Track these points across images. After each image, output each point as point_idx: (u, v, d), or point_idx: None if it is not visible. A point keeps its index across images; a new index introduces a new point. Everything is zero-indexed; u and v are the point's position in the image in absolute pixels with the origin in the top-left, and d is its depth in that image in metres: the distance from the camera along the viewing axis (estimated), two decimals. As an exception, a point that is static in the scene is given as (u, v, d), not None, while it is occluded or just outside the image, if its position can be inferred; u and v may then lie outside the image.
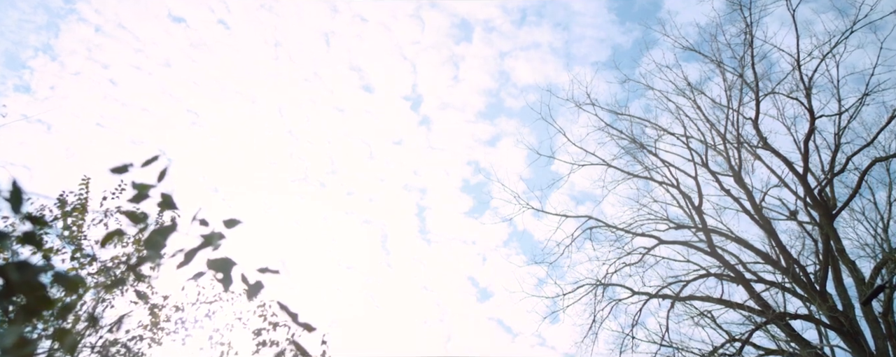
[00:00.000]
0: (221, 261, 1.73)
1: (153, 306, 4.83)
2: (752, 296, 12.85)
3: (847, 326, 10.59)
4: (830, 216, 11.85)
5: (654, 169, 16.06)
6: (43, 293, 0.98)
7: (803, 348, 11.57)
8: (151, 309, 4.82)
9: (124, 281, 1.48)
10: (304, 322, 2.09)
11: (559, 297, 16.23)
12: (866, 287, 10.68)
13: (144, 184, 1.59)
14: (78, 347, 1.10)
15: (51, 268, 1.04)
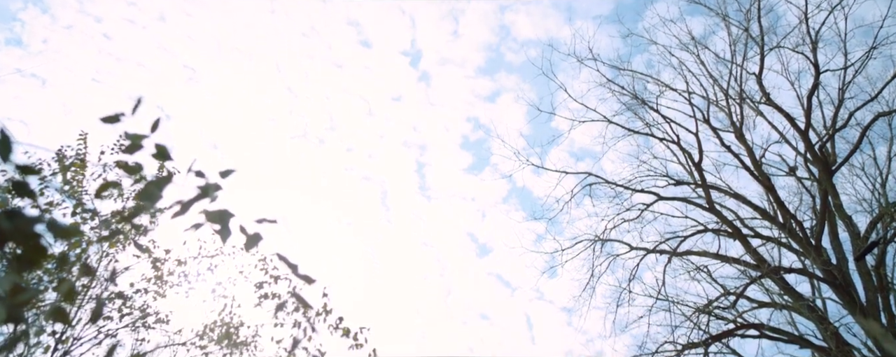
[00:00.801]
0: (219, 212, 1.73)
1: (155, 260, 4.89)
2: (748, 251, 13.01)
3: (840, 280, 10.78)
4: (830, 172, 11.87)
5: (655, 125, 15.99)
6: (36, 242, 0.97)
7: (796, 301, 11.80)
8: (154, 263, 4.88)
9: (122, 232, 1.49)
10: (304, 274, 2.11)
11: (558, 252, 16.46)
12: (861, 241, 10.81)
13: (138, 134, 1.56)
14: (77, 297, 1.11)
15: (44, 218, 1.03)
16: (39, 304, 2.94)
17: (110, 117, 1.51)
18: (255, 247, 1.77)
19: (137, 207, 1.43)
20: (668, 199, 15.62)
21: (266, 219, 1.94)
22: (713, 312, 15.51)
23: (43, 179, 4.24)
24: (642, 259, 15.70)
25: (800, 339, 12.53)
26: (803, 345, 12.32)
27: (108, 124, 1.52)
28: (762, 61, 13.89)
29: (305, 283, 2.09)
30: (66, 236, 1.02)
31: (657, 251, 15.27)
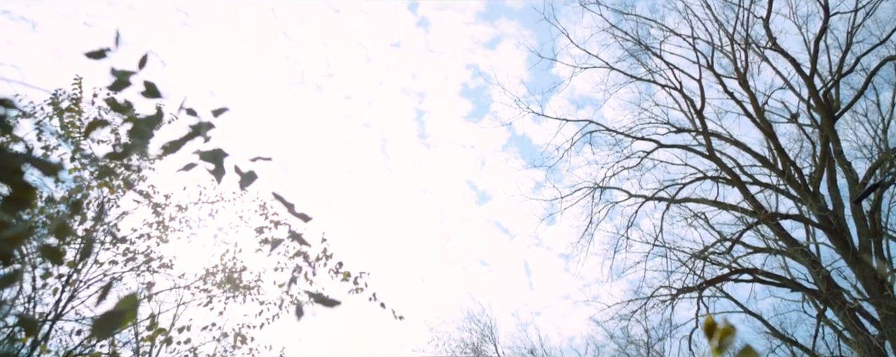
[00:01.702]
0: (212, 152, 1.71)
1: (156, 206, 4.92)
2: (746, 197, 13.10)
3: (835, 225, 10.90)
4: (832, 118, 11.78)
5: (658, 72, 15.74)
6: (21, 178, 0.96)
7: (790, 246, 11.99)
8: (154, 208, 4.91)
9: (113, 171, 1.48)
10: (300, 212, 2.11)
11: (557, 200, 16.59)
12: (859, 187, 10.86)
13: (125, 71, 1.53)
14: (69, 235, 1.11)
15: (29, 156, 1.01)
16: (32, 241, 2.97)
17: (96, 53, 1.47)
18: (249, 185, 1.77)
19: (129, 146, 1.41)
20: (668, 146, 15.60)
21: (260, 157, 1.92)
22: (709, 258, 15.79)
23: (38, 124, 4.22)
24: (640, 206, 15.84)
25: (792, 282, 12.82)
26: (794, 288, 12.62)
27: (93, 60, 1.48)
28: (770, 4, 13.54)
29: (302, 221, 2.10)
30: (51, 172, 1.01)
31: (656, 198, 15.38)
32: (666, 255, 16.68)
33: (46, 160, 0.99)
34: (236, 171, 1.82)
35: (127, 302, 0.80)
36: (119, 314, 0.77)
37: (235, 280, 5.02)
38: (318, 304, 1.14)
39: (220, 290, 4.98)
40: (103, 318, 0.76)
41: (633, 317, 17.61)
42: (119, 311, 0.77)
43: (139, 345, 5.76)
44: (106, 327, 0.76)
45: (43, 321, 3.86)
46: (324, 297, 1.13)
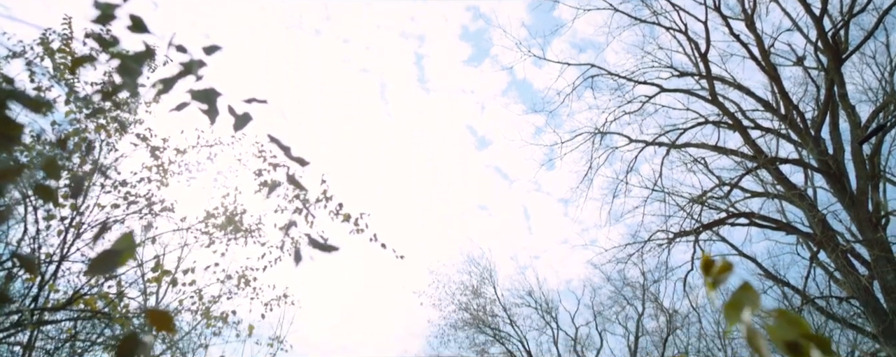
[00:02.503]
0: (205, 91, 1.69)
1: (154, 149, 4.92)
2: (747, 142, 13.07)
3: (834, 169, 10.93)
4: (839, 60, 11.57)
5: (663, 13, 15.33)
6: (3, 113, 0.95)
7: (788, 190, 12.06)
8: (152, 151, 4.92)
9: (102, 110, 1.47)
10: (297, 156, 2.11)
11: (557, 145, 16.57)
12: (861, 131, 10.81)
13: (108, 3, 1.48)
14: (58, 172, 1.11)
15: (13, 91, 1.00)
16: (23, 179, 3.01)
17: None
18: (244, 127, 1.76)
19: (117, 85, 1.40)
20: (670, 90, 15.42)
21: (255, 99, 1.90)
22: (706, 203, 15.94)
23: (29, 64, 4.15)
24: (641, 151, 15.84)
25: (787, 226, 12.99)
26: (790, 231, 12.80)
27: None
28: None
29: (299, 165, 2.10)
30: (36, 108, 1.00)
31: (656, 143, 15.36)
32: (664, 200, 16.85)
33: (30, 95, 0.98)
34: (230, 113, 1.81)
35: (124, 241, 0.81)
36: (116, 253, 0.78)
37: (236, 222, 5.09)
38: (315, 249, 1.16)
39: (221, 233, 5.06)
40: (100, 257, 0.78)
41: (630, 260, 17.98)
42: (116, 251, 0.78)
43: (145, 286, 5.92)
44: (103, 266, 0.77)
45: (48, 262, 3.95)
46: (321, 242, 1.15)
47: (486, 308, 28.01)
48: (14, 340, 4.75)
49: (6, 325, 3.77)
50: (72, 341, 5.08)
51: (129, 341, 0.76)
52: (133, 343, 0.75)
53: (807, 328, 0.84)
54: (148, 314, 0.79)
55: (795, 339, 0.83)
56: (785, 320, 0.85)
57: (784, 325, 0.85)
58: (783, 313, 0.86)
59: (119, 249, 0.79)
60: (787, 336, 0.84)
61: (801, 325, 0.85)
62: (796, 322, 0.85)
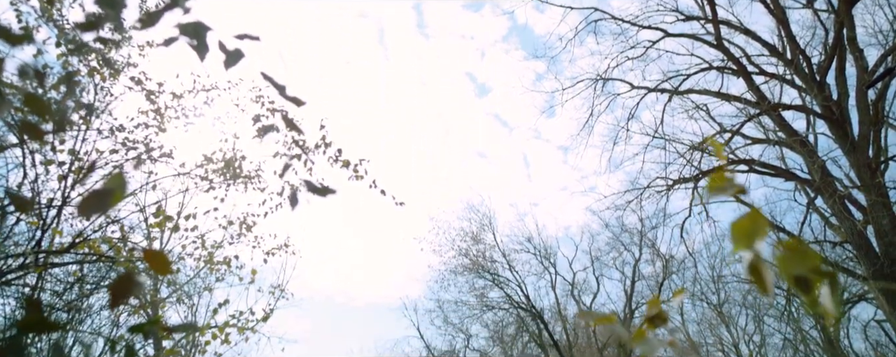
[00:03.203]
0: (193, 25, 1.62)
1: (149, 92, 4.84)
2: (750, 88, 12.90)
3: (837, 115, 10.84)
4: (850, 2, 11.24)
5: (670, -48, 14.79)
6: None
7: (789, 136, 12.01)
8: (148, 95, 4.84)
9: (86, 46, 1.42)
10: (293, 96, 2.06)
11: (558, 91, 16.38)
12: (868, 75, 10.64)
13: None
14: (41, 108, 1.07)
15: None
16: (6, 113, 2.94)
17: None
18: (235, 64, 1.70)
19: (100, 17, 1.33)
20: (675, 35, 15.08)
21: (248, 35, 1.83)
22: (706, 149, 15.90)
23: (13, 2, 4.01)
24: (643, 98, 15.67)
25: (786, 172, 13.01)
26: (788, 178, 12.84)
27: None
28: None
29: (295, 105, 2.05)
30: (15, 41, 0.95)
31: (658, 90, 15.18)
32: (664, 147, 16.81)
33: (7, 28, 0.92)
34: (221, 49, 1.75)
35: (115, 181, 0.78)
36: (106, 193, 0.75)
37: (235, 168, 5.07)
38: (312, 192, 1.13)
39: (220, 178, 5.05)
40: (91, 196, 0.74)
41: (628, 207, 18.13)
42: (106, 191, 0.75)
43: (149, 231, 5.97)
44: (94, 206, 0.74)
45: (48, 206, 3.96)
46: (317, 185, 1.12)
47: (485, 254, 28.52)
48: (23, 282, 4.84)
49: (13, 267, 3.82)
50: (79, 283, 5.19)
51: (123, 281, 0.74)
52: (128, 282, 0.74)
53: (818, 262, 0.82)
54: (144, 255, 0.77)
55: (804, 273, 0.81)
56: (796, 252, 0.83)
57: (794, 258, 0.83)
58: (795, 245, 0.84)
59: (109, 189, 0.76)
60: (795, 269, 0.82)
61: (813, 258, 0.82)
62: (807, 255, 0.82)
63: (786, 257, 0.83)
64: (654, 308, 0.95)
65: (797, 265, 0.82)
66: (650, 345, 0.98)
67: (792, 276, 0.83)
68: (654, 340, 0.99)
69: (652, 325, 0.96)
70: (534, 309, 27.49)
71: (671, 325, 0.99)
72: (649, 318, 0.96)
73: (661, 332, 0.97)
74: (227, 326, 5.45)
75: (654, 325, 0.97)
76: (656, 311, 0.94)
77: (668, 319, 0.96)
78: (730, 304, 30.53)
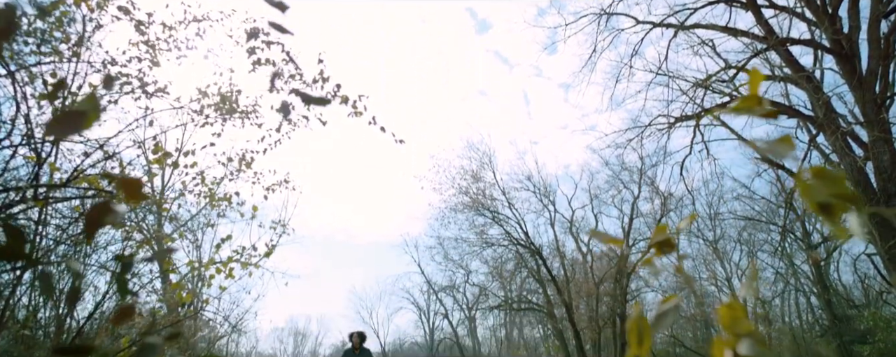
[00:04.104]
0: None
1: (139, 23, 4.67)
2: (759, 22, 12.54)
3: (846, 49, 10.58)
4: (869, -71, 10.72)
5: None
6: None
7: (795, 72, 11.80)
8: (137, 26, 4.67)
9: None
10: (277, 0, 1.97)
11: (560, 27, 15.97)
12: (883, 6, 10.30)
13: None
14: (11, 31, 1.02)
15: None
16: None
17: None
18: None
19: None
20: (683, -35, 14.52)
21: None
22: (710, 86, 15.68)
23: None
24: (647, 34, 15.30)
25: (789, 109, 12.88)
26: (792, 115, 12.72)
27: None
28: None
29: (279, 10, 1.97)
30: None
31: (664, 25, 14.79)
32: (668, 85, 16.57)
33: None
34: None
35: (88, 102, 0.72)
36: (79, 114, 0.69)
37: (231, 103, 4.98)
38: (305, 102, 1.08)
39: (216, 113, 4.97)
40: (61, 117, 0.69)
41: (629, 145, 18.11)
42: (79, 111, 0.69)
43: (149, 167, 5.95)
44: (63, 127, 0.68)
45: (43, 141, 3.91)
46: (310, 95, 1.06)
47: (485, 192, 28.76)
48: (26, 216, 4.87)
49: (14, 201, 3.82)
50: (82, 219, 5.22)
51: (98, 210, 0.70)
52: (103, 211, 0.70)
53: (844, 186, 0.78)
54: (118, 181, 0.72)
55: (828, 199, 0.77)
56: (822, 177, 0.79)
57: (819, 183, 0.79)
58: (820, 170, 0.80)
59: (82, 110, 0.70)
60: (819, 195, 0.78)
61: (838, 183, 0.79)
62: (834, 179, 0.78)
63: (810, 183, 0.79)
64: (662, 235, 0.93)
65: (822, 191, 0.78)
66: (657, 270, 0.97)
67: (816, 203, 0.79)
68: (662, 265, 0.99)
69: (660, 251, 0.94)
70: (532, 245, 28.03)
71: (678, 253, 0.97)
72: (657, 244, 0.94)
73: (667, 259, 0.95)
74: (231, 262, 5.53)
75: (661, 252, 0.95)
76: (664, 237, 0.92)
77: (675, 246, 0.93)
78: (725, 241, 31.16)
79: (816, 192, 0.80)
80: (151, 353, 0.73)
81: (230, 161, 5.87)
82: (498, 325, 46.05)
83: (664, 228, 0.97)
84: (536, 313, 34.12)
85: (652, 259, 0.93)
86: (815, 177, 0.82)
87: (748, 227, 30.39)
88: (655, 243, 0.93)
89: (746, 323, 0.80)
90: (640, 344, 0.85)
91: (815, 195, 0.81)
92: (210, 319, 8.77)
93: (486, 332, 46.43)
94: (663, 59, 15.50)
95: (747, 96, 0.82)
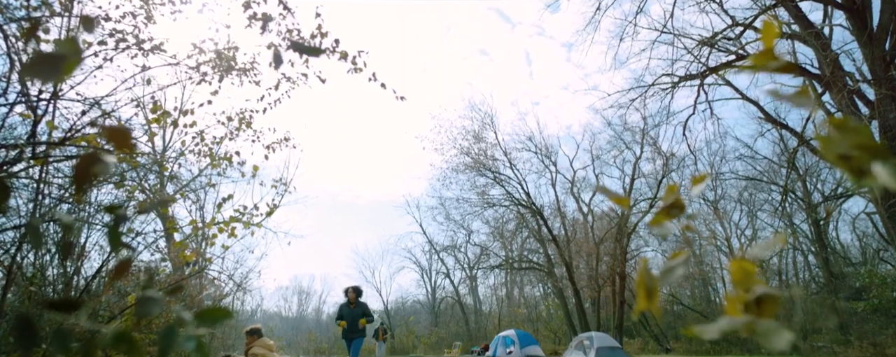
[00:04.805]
0: None
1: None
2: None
3: (858, 3, 10.31)
4: None
5: None
6: None
7: (804, 29, 11.55)
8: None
9: None
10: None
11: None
12: (900, -42, 9.98)
13: None
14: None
15: None
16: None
17: None
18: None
19: None
20: (693, -83, 14.03)
21: None
22: (716, 44, 15.40)
23: None
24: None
25: (796, 67, 12.68)
26: (798, 73, 12.52)
27: None
28: None
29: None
30: None
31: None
32: (672, 43, 16.27)
33: None
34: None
35: (66, 45, 0.67)
36: (57, 58, 0.64)
37: (228, 60, 4.89)
38: (297, 51, 1.03)
39: (213, 70, 4.88)
40: (37, 59, 0.64)
41: (632, 105, 17.94)
42: (57, 55, 0.64)
43: (149, 126, 5.90)
44: (40, 71, 0.64)
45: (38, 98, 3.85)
46: (301, 44, 1.01)
47: (486, 152, 28.70)
48: (27, 175, 4.86)
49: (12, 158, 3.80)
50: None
51: (86, 161, 0.66)
52: (91, 162, 0.66)
53: (869, 138, 0.74)
54: (105, 131, 0.68)
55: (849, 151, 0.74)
56: (843, 129, 0.75)
57: (841, 135, 0.75)
58: (843, 121, 0.76)
59: (61, 54, 0.65)
60: (840, 147, 0.74)
61: (863, 134, 0.74)
62: (857, 131, 0.74)
63: (831, 135, 0.75)
64: (673, 195, 0.90)
65: (843, 143, 0.74)
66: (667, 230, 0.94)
67: (837, 155, 0.75)
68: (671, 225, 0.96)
69: (670, 212, 0.91)
70: (534, 206, 28.17)
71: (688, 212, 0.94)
72: (668, 205, 0.91)
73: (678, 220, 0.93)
74: (233, 221, 5.54)
75: (672, 214, 0.92)
76: (675, 198, 0.89)
77: (685, 207, 0.90)
78: (726, 201, 31.27)
79: (838, 144, 0.77)
80: (151, 307, 0.71)
81: (230, 120, 5.82)
82: (499, 283, 46.81)
83: (675, 188, 0.93)
84: (537, 272, 34.61)
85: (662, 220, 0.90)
86: (837, 128, 0.78)
87: (749, 187, 30.45)
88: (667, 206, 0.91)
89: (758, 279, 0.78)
90: (649, 299, 0.83)
91: (836, 147, 0.77)
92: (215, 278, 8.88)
93: (486, 291, 47.25)
94: (669, 17, 15.19)
95: (762, 51, 0.78)
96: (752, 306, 0.74)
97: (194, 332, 0.64)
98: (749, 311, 0.73)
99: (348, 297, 9.88)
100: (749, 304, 0.73)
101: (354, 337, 9.65)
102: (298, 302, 59.52)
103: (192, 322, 0.65)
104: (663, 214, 0.90)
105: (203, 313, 0.67)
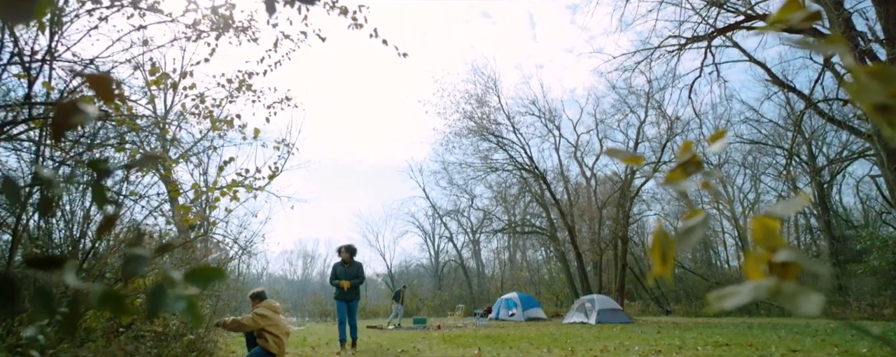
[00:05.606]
0: None
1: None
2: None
3: (876, -39, 9.99)
4: None
5: None
6: None
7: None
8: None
9: None
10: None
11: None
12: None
13: None
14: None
15: None
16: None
17: None
18: None
19: None
20: None
21: None
22: (725, 4, 15.04)
23: None
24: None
25: (806, 27, 12.40)
26: (808, 33, 12.26)
27: None
28: None
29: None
30: None
31: (681, -65, 13.96)
32: (680, 4, 15.90)
33: None
34: None
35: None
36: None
37: (225, 17, 4.77)
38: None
39: (210, 28, 4.78)
40: None
41: (637, 68, 17.67)
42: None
43: (148, 88, 5.82)
44: (11, 9, 0.58)
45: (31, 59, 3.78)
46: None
47: (489, 116, 28.48)
48: (27, 137, 4.82)
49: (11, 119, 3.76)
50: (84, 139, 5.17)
51: (64, 108, 0.61)
52: (69, 110, 0.61)
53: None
54: (87, 79, 0.63)
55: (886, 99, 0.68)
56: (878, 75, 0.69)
57: (875, 83, 0.69)
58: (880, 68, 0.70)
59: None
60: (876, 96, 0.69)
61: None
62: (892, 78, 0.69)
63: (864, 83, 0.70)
64: (688, 152, 0.85)
65: (879, 90, 0.69)
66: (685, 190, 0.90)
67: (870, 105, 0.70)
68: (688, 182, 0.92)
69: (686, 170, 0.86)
70: (537, 170, 28.13)
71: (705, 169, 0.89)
72: (684, 162, 0.86)
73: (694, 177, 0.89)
74: (235, 185, 5.52)
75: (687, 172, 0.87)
76: (690, 155, 0.84)
77: (702, 164, 0.86)
78: (730, 164, 31.17)
79: (873, 92, 0.71)
80: (139, 265, 0.68)
81: (230, 82, 5.73)
82: (501, 247, 47.24)
83: (690, 145, 0.88)
84: (539, 236, 34.84)
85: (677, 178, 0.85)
86: (874, 76, 0.72)
87: (754, 150, 30.30)
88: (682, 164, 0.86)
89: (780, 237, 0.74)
90: (664, 262, 0.79)
91: (871, 96, 0.71)
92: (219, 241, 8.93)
93: (489, 255, 47.74)
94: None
95: (788, 2, 0.72)
96: (777, 267, 0.70)
97: (185, 292, 0.61)
98: (773, 271, 0.70)
99: (342, 256, 9.47)
100: (773, 265, 0.69)
101: (351, 298, 9.28)
102: (303, 265, 60.35)
103: (182, 281, 0.61)
104: (679, 171, 0.86)
105: (194, 272, 0.64)
